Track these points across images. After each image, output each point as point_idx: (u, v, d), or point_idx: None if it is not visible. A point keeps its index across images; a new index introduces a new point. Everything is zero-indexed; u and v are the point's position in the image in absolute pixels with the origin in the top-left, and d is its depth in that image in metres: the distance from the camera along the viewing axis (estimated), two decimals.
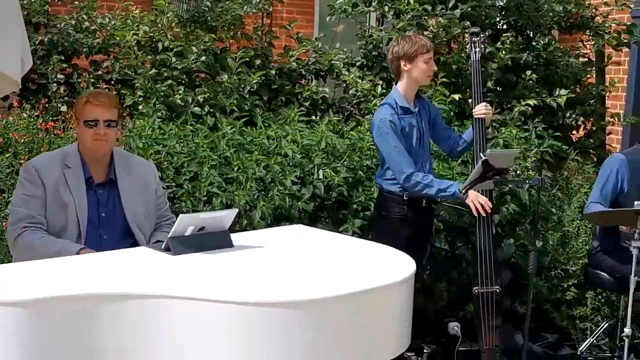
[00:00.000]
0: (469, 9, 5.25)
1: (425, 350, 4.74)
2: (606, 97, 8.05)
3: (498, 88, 5.86)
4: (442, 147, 4.38)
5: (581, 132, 6.49)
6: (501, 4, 5.38)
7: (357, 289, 2.53)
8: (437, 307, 4.82)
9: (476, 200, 3.85)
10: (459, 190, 3.78)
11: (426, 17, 5.18)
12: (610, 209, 4.21)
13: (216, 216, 2.94)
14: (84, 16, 4.99)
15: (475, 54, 4.08)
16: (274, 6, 9.35)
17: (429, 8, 5.35)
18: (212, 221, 2.94)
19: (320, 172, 4.36)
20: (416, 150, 4.01)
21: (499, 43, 5.41)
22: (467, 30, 4.14)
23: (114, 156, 3.29)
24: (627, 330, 3.87)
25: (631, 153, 4.53)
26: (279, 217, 4.30)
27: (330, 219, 4.54)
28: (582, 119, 5.96)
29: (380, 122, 3.94)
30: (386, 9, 5.32)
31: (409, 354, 4.74)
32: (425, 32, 5.30)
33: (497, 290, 4.05)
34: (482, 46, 4.09)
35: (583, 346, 4.70)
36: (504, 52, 5.36)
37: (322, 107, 5.54)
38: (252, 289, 2.49)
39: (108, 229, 3.19)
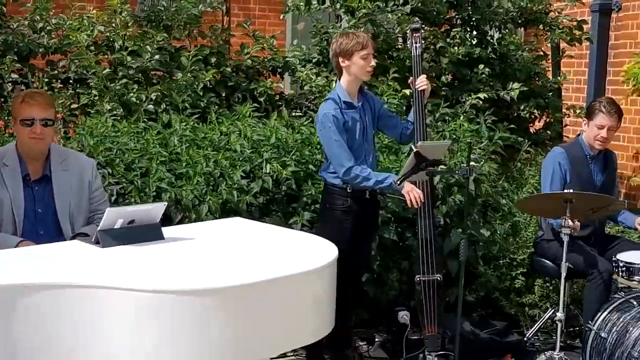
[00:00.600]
0: (419, 4, 5.35)
1: (376, 340, 4.85)
2: (568, 90, 8.24)
3: (455, 82, 5.98)
4: (390, 135, 4.48)
5: (539, 124, 6.62)
6: None
7: (271, 276, 2.64)
8: (389, 297, 4.92)
9: (411, 191, 3.95)
10: (393, 181, 3.88)
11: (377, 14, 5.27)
12: (537, 194, 4.32)
13: (143, 209, 3.05)
14: (38, 17, 5.07)
15: (416, 49, 4.19)
16: (244, 3, 9.50)
17: (382, 5, 5.46)
18: (141, 214, 3.04)
19: (268, 166, 4.46)
20: (359, 144, 4.12)
21: (449, 38, 5.51)
22: (409, 26, 4.23)
23: (51, 153, 3.39)
24: (559, 315, 3.99)
25: (570, 146, 4.65)
26: (228, 211, 4.39)
27: (281, 213, 4.64)
28: (537, 111, 6.07)
29: (323, 117, 4.04)
30: (338, 6, 5.42)
31: (361, 343, 4.86)
32: (379, 29, 5.42)
33: (439, 279, 4.16)
34: (423, 41, 4.19)
35: (530, 332, 4.82)
36: (455, 47, 5.46)
37: (280, 103, 5.64)
38: (168, 278, 2.59)
39: (44, 224, 3.30)
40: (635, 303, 3.99)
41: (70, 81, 5.24)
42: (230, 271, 2.72)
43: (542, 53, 6.30)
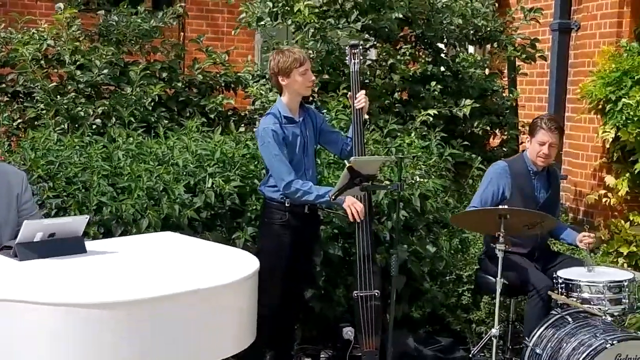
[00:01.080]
0: (370, 22, 5.39)
1: (322, 356, 4.85)
2: (530, 109, 8.31)
3: (411, 99, 6.03)
4: (332, 150, 4.50)
5: (496, 142, 6.67)
6: (400, 16, 5.52)
7: (175, 291, 2.63)
8: (336, 313, 4.91)
9: (352, 205, 3.97)
10: (329, 196, 3.89)
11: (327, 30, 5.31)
12: (474, 208, 4.33)
13: (64, 222, 3.04)
14: None
15: (355, 65, 4.21)
16: (213, 20, 9.54)
17: (334, 22, 5.50)
18: (62, 227, 3.03)
19: (210, 180, 4.46)
20: (299, 158, 4.13)
21: (398, 55, 5.56)
22: (347, 44, 4.26)
23: None
24: (493, 331, 4.00)
25: (513, 161, 4.68)
26: (170, 226, 4.37)
27: (225, 228, 4.63)
28: (490, 128, 6.12)
29: (263, 132, 4.06)
30: (289, 22, 5.45)
31: (307, 359, 4.85)
32: (330, 45, 5.45)
33: (376, 294, 4.16)
34: (361, 58, 4.22)
35: (475, 349, 4.81)
36: (404, 65, 5.50)
37: (234, 118, 5.66)
38: (76, 291, 2.58)
39: None
40: (570, 319, 4.01)
41: (20, 95, 5.24)
42: (134, 285, 2.70)
43: (497, 71, 6.35)
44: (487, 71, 6.68)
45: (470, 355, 4.78)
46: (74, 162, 4.49)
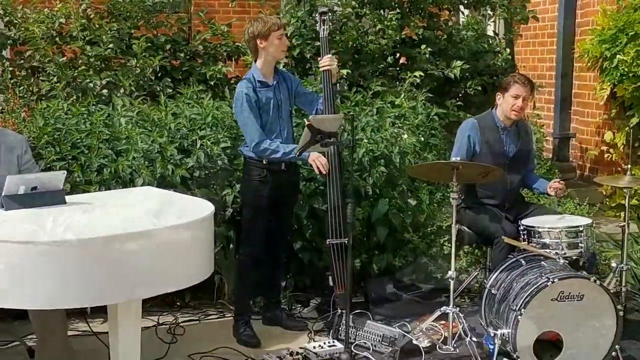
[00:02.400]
0: None
1: (311, 302, 5.24)
2: (540, 68, 8.47)
3: (408, 62, 6.31)
4: (307, 111, 4.83)
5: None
6: None
7: (136, 230, 3.07)
8: (326, 263, 5.29)
9: (317, 159, 4.34)
10: (294, 153, 4.26)
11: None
12: (428, 162, 4.63)
13: (42, 177, 3.51)
14: (1, 11, 5.58)
15: (324, 31, 4.54)
16: None
17: None
18: (43, 181, 3.51)
19: (199, 142, 4.88)
20: (273, 120, 4.49)
21: (386, 21, 5.84)
22: (318, 10, 4.59)
23: None
24: (450, 273, 4.32)
25: (482, 117, 4.95)
26: (166, 185, 4.82)
27: (217, 186, 5.06)
28: (482, 88, 6.35)
29: (237, 95, 4.45)
30: None
31: (297, 305, 5.25)
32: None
33: (346, 242, 4.50)
34: (330, 24, 4.54)
35: (455, 294, 5.13)
36: (391, 30, 5.78)
37: (234, 85, 6.05)
38: (49, 232, 3.03)
39: None
40: (523, 262, 4.29)
41: (39, 69, 5.75)
42: (94, 227, 3.14)
43: (492, 33, 6.57)
44: (490, 32, 6.89)
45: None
46: (79, 128, 4.98)
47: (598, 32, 6.66)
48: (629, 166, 4.73)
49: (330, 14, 4.57)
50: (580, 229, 4.39)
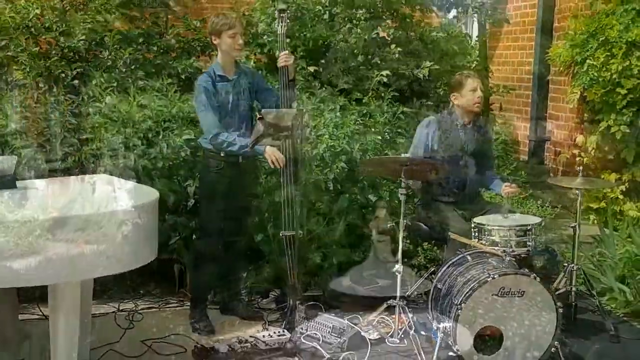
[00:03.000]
0: None
1: (270, 294, 5.34)
2: (519, 72, 8.56)
3: (379, 62, 6.40)
4: (266, 107, 4.91)
5: None
6: None
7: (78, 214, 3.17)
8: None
9: (272, 154, 4.44)
10: (247, 146, 4.35)
11: None
12: (376, 158, 4.72)
13: None
14: None
15: (282, 27, 4.64)
16: None
17: None
18: None
19: (161, 134, 4.99)
20: (231, 114, 4.59)
21: (354, 20, 5.94)
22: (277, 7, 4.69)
23: None
24: (397, 267, 4.41)
25: (441, 115, 5.04)
26: (128, 175, 4.91)
27: (180, 177, 5.16)
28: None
29: (197, 88, 4.55)
30: None
31: (256, 296, 5.35)
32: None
33: (294, 234, 4.60)
34: (288, 21, 4.64)
35: (411, 290, 5.22)
36: (360, 30, 5.88)
37: None
38: None
39: None
40: (469, 258, 4.39)
41: (14, 59, 5.85)
42: (37, 210, 3.25)
43: (463, 34, 6.66)
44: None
45: (406, 295, 5.20)
46: (47, 117, 5.09)
47: (570, 37, 6.73)
48: (581, 167, 4.82)
49: (288, 12, 4.67)
50: (529, 227, 4.47)
